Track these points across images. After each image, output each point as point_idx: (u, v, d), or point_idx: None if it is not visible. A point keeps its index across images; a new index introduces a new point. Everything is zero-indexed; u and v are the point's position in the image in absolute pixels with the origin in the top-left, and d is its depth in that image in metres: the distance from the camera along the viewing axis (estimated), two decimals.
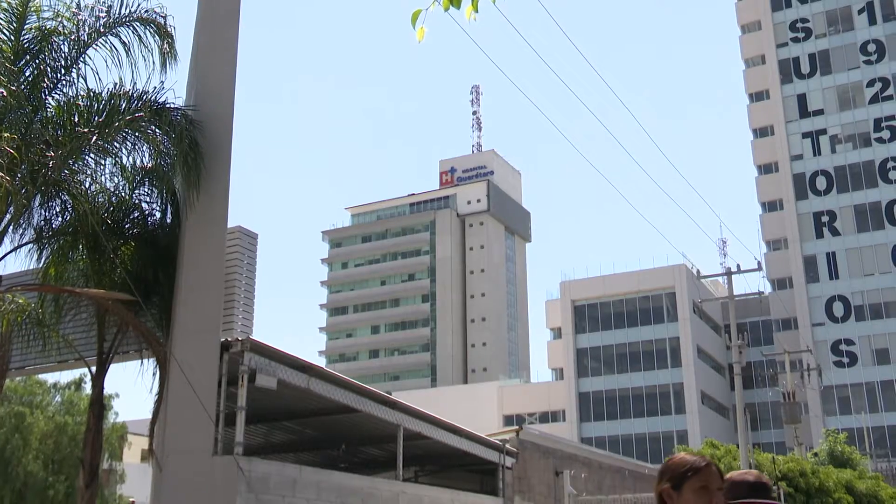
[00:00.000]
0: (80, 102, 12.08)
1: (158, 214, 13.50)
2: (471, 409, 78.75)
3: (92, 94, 12.12)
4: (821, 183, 74.69)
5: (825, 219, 73.78)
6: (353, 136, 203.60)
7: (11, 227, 11.44)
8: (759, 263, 35.94)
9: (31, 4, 12.14)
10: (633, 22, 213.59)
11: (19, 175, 11.07)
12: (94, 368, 13.16)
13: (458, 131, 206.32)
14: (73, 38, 12.16)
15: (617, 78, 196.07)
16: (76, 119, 11.90)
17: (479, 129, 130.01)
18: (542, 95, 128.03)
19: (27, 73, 11.94)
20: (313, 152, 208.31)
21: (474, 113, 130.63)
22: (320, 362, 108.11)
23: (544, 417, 78.06)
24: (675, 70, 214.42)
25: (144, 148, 12.57)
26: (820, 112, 76.13)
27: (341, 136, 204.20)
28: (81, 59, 12.19)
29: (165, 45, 12.70)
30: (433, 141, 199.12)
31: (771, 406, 72.00)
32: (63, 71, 12.11)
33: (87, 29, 12.23)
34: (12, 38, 11.98)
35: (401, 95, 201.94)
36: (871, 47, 75.43)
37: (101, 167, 12.36)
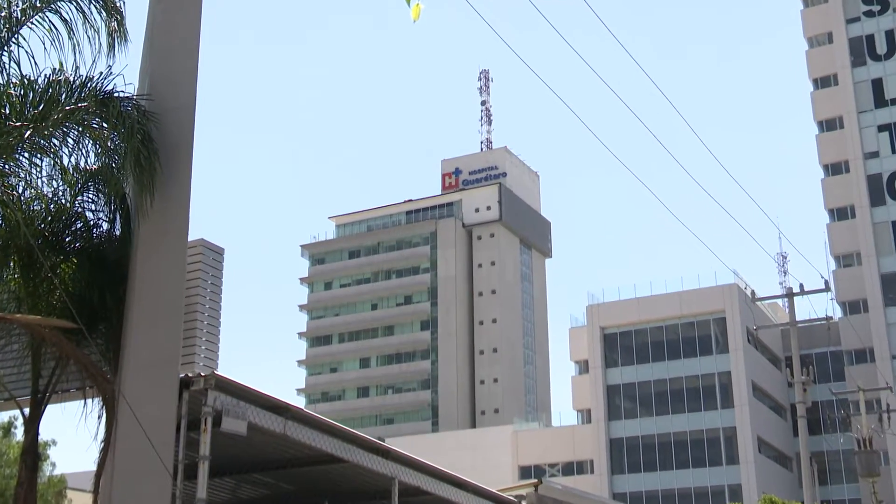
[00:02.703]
0: (13, 91, 12.12)
1: (106, 225, 13.51)
2: (480, 459, 78.38)
3: (26, 81, 12.17)
4: None
5: None
6: (338, 132, 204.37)
7: None
8: (826, 283, 35.87)
9: None
10: None
11: None
12: (27, 410, 13.13)
13: (464, 125, 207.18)
14: (3, 14, 12.22)
15: (653, 62, 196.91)
16: (7, 111, 11.94)
17: (489, 123, 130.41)
18: (564, 82, 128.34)
19: None
20: (290, 151, 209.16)
21: (483, 103, 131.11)
22: (299, 402, 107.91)
23: (568, 468, 77.75)
24: (723, 52, 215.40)
25: (89, 145, 12.60)
26: None
27: (324, 132, 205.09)
28: (14, 39, 12.24)
29: (114, 24, 12.76)
30: (434, 136, 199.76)
31: (843, 455, 71.61)
32: None
33: (20, 4, 12.29)
34: None
35: (394, 83, 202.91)
36: None
37: (38, 168, 12.39)
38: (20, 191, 12.69)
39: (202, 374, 12.96)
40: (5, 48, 12.20)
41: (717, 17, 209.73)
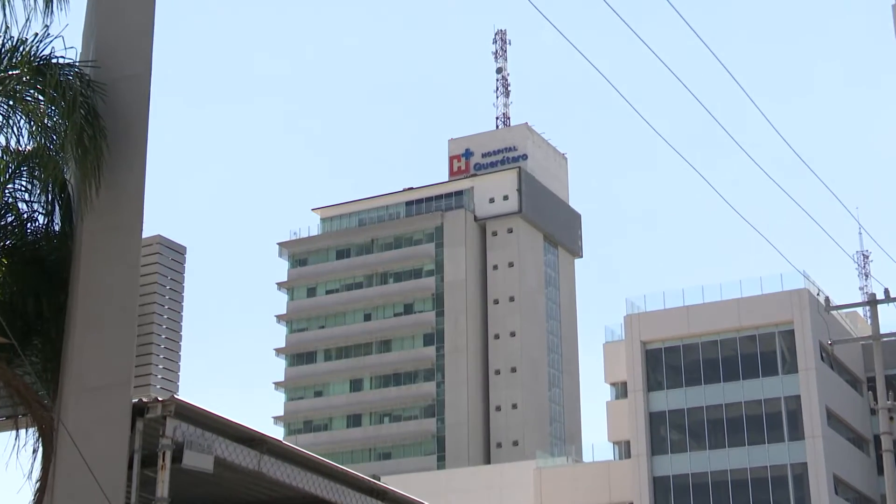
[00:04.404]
0: None
1: (42, 219, 13.51)
2: (495, 501, 78.16)
3: None
4: None
5: None
6: (324, 107, 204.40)
7: None
8: None
9: None
10: None
11: None
12: None
13: (476, 97, 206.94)
14: None
15: (703, 21, 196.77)
16: None
17: (506, 95, 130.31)
18: (597, 46, 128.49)
19: None
20: (266, 131, 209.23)
21: (499, 70, 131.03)
22: (277, 433, 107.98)
23: None
24: (787, 10, 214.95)
25: (21, 122, 12.61)
26: None
27: (306, 108, 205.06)
28: None
29: None
30: (439, 111, 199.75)
31: None
32: None
33: None
34: None
35: (390, 47, 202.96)
36: None
37: None
38: None
39: (159, 398, 12.95)
40: None
41: None
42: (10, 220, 13.48)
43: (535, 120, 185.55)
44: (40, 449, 12.68)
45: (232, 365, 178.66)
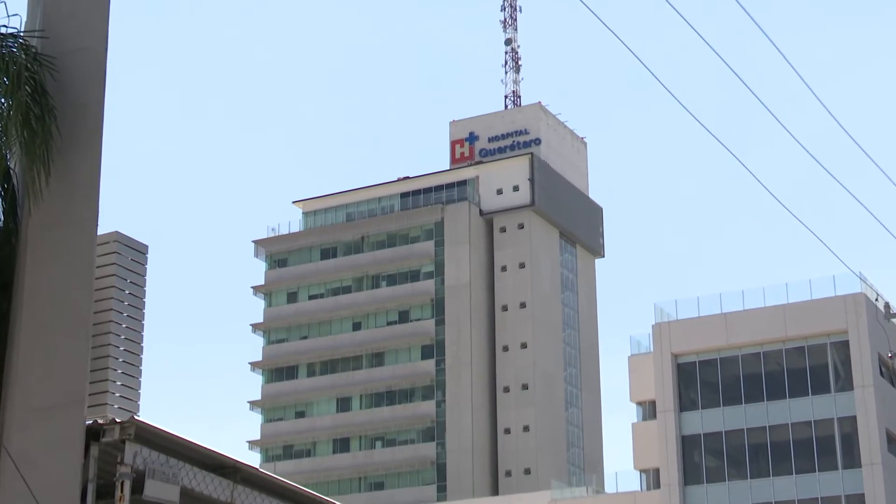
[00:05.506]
0: None
1: None
2: None
3: None
4: None
5: None
6: (306, 86, 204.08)
7: None
8: None
9: None
10: None
11: None
12: None
13: (482, 73, 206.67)
14: None
15: None
16: None
17: (517, 70, 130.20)
18: (620, 14, 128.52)
19: None
20: (241, 114, 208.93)
21: (508, 42, 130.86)
22: (252, 459, 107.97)
23: None
24: None
25: None
26: None
27: (286, 87, 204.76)
28: None
29: None
30: (439, 89, 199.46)
31: None
32: None
33: None
34: None
35: (384, 16, 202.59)
36: None
37: None
38: None
39: (117, 420, 12.93)
40: None
41: None
42: None
43: (550, 99, 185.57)
44: None
45: (201, 381, 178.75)
